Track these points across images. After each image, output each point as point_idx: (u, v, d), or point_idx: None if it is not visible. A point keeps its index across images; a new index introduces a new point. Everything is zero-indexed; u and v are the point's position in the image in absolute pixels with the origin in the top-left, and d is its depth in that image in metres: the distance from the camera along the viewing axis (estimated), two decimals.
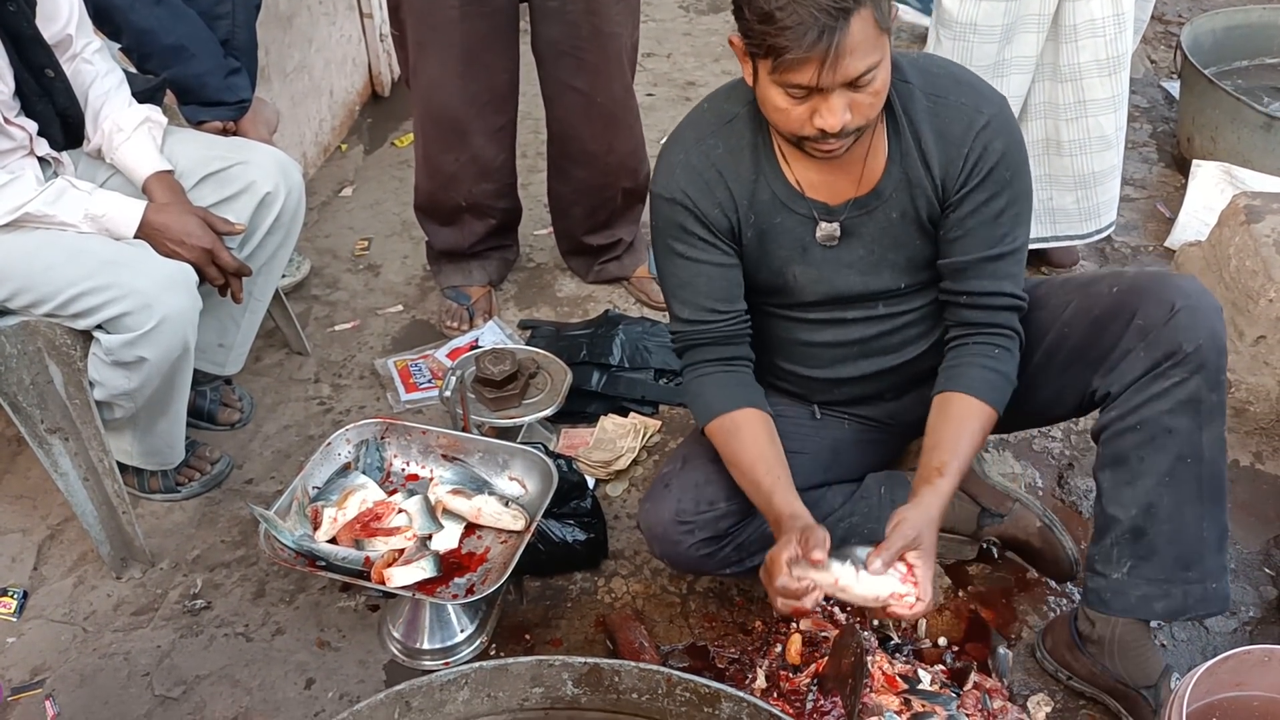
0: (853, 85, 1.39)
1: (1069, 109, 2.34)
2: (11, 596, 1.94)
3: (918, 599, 1.46)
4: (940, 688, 1.67)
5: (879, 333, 1.71)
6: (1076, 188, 2.44)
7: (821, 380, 1.79)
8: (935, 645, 1.80)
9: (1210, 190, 2.76)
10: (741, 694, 1.31)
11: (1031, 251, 2.50)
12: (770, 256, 1.64)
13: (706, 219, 1.60)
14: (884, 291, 1.67)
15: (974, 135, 1.53)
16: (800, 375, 1.80)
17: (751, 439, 1.63)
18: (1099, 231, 2.53)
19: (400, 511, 1.79)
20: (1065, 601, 1.89)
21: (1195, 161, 2.87)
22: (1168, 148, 3.20)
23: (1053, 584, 1.91)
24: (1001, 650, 1.77)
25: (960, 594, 1.90)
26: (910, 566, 1.48)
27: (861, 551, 1.51)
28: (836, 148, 1.46)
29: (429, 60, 2.27)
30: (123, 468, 2.02)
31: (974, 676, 1.70)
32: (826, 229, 1.61)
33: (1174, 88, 3.39)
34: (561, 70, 2.30)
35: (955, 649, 1.79)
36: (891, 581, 1.47)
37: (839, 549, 1.53)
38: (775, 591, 1.48)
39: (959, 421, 1.59)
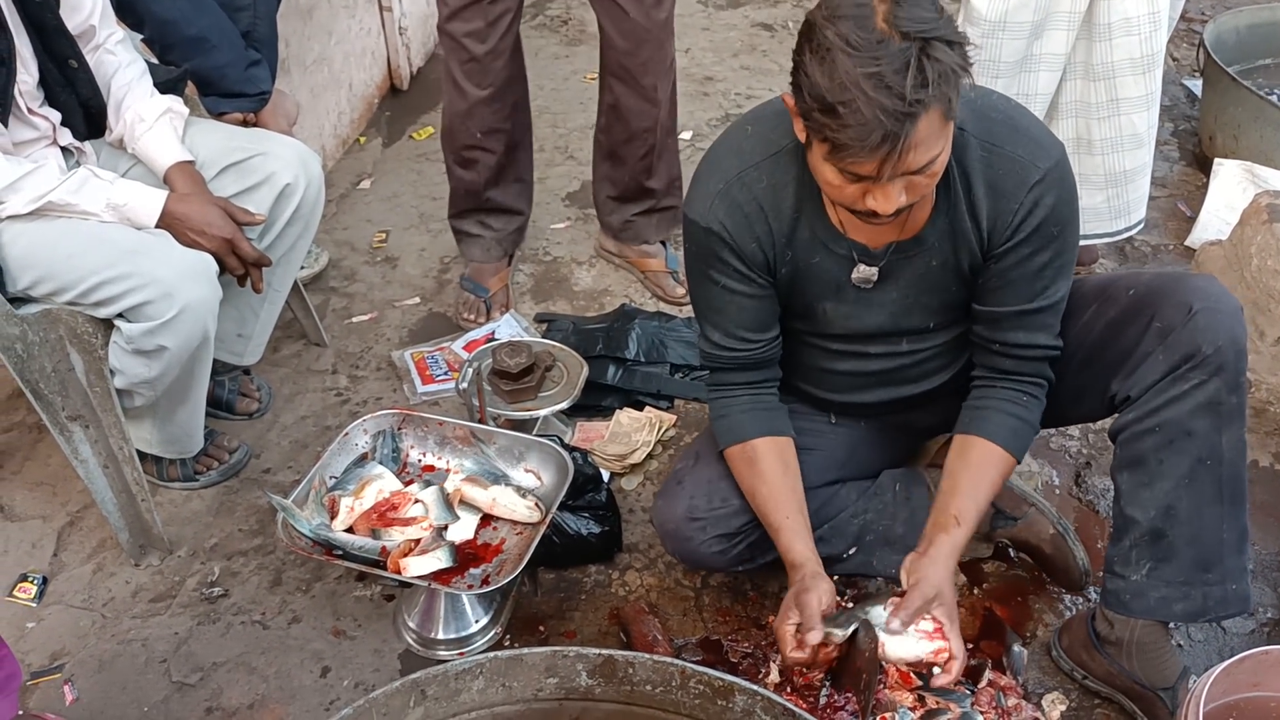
0: (912, 172, 1.34)
1: (1101, 108, 2.31)
2: (31, 582, 1.96)
3: (951, 656, 1.47)
4: (955, 685, 1.66)
5: (899, 366, 1.70)
6: (1107, 186, 2.41)
7: (838, 403, 1.79)
8: None
9: (1232, 189, 2.74)
10: (755, 687, 1.31)
11: None
12: (803, 292, 1.62)
13: (742, 253, 1.56)
14: (911, 330, 1.65)
15: (1027, 189, 1.47)
16: (817, 397, 1.80)
17: (769, 470, 1.63)
18: (1129, 229, 2.51)
19: (416, 502, 1.80)
20: (1081, 600, 1.88)
21: (1217, 160, 2.85)
22: (1189, 146, 3.18)
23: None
24: (1016, 648, 1.77)
25: (975, 591, 1.90)
26: (938, 624, 1.48)
27: (879, 612, 1.51)
28: (888, 222, 1.42)
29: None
30: (141, 456, 2.04)
31: (989, 674, 1.70)
32: (864, 271, 1.57)
33: (1196, 86, 3.36)
34: None
35: (970, 646, 1.78)
36: (924, 643, 1.48)
37: (854, 608, 1.54)
38: (788, 661, 1.53)
39: (979, 469, 1.58)
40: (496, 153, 2.49)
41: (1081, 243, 2.53)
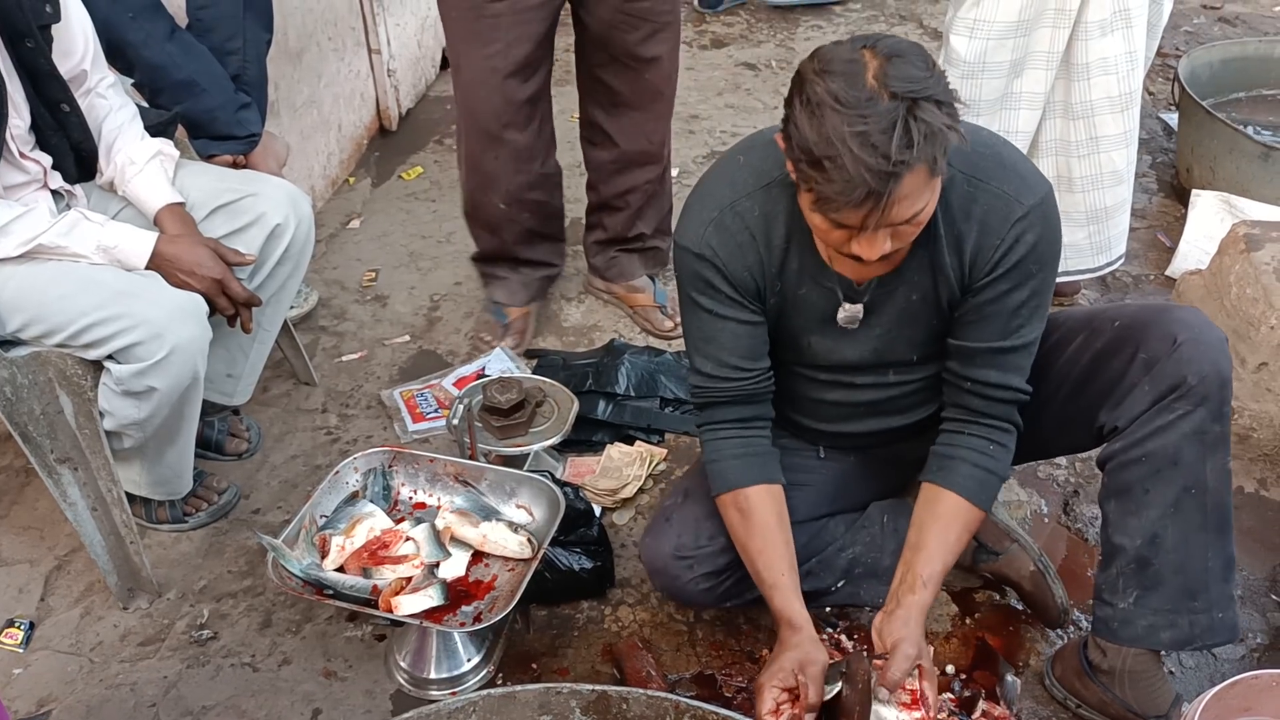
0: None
1: (1081, 145, 2.35)
2: (18, 627, 1.94)
3: None
4: (948, 716, 1.66)
5: (887, 397, 1.71)
6: (1089, 223, 2.45)
7: (828, 433, 1.80)
8: (943, 673, 1.80)
9: (1210, 219, 2.78)
10: None
11: None
12: (789, 323, 1.63)
13: (733, 279, 1.57)
14: (896, 362, 1.66)
15: (1010, 225, 1.48)
16: (806, 427, 1.80)
17: (763, 524, 1.61)
18: (1110, 264, 2.54)
19: (407, 539, 1.79)
20: (1073, 629, 1.89)
21: (1194, 191, 2.89)
22: (1167, 178, 3.23)
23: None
24: (1010, 678, 1.77)
25: (968, 621, 1.90)
26: (914, 693, 1.49)
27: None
28: (875, 266, 1.43)
29: (474, 58, 2.28)
30: (130, 498, 2.02)
31: (982, 704, 1.70)
32: (850, 311, 1.58)
33: (1172, 119, 3.42)
34: (616, 37, 2.30)
35: (963, 677, 1.79)
36: (903, 715, 1.49)
37: (837, 663, 1.54)
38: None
39: (947, 525, 1.58)
40: (525, 216, 2.52)
41: (1064, 278, 2.57)
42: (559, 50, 2.43)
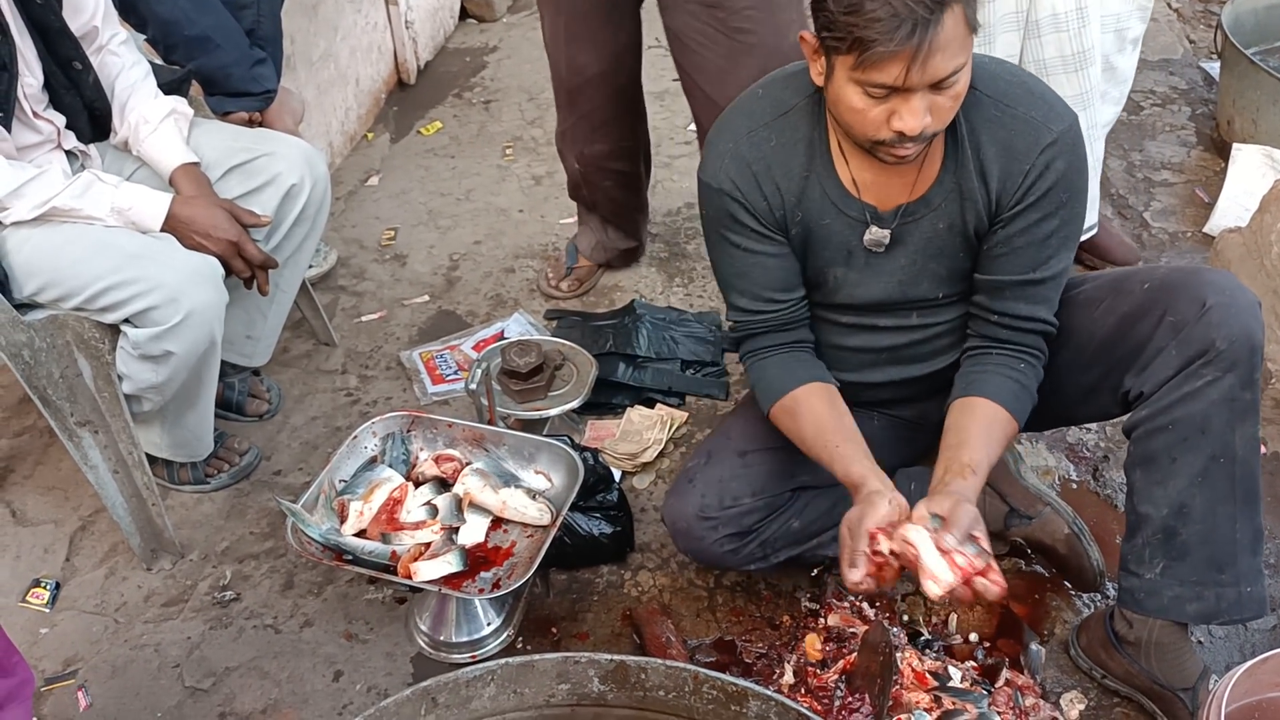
0: (935, 87, 1.32)
1: None
2: (44, 587, 1.96)
3: (991, 568, 1.36)
4: (971, 685, 1.65)
5: (910, 341, 1.68)
6: None
7: (849, 383, 1.76)
8: (966, 641, 1.78)
9: (1251, 174, 2.69)
10: (769, 692, 1.29)
11: (1083, 245, 2.42)
12: (813, 256, 1.60)
13: (755, 211, 1.56)
14: (920, 300, 1.63)
15: (1038, 152, 1.46)
16: None
17: (810, 414, 1.59)
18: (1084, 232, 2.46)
19: (427, 504, 1.78)
20: (1099, 598, 1.86)
21: (1235, 145, 2.80)
22: (1207, 130, 3.13)
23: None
24: (1034, 647, 1.75)
25: None
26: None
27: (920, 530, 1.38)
28: (911, 152, 1.39)
29: (545, 20, 2.28)
30: (152, 460, 2.04)
31: (1006, 673, 1.68)
32: (875, 234, 1.56)
33: (1214, 69, 3.31)
34: (685, 63, 2.17)
35: (986, 645, 1.77)
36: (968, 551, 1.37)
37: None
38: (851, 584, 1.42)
39: (987, 424, 1.53)
40: (606, 184, 2.48)
41: None
42: None
